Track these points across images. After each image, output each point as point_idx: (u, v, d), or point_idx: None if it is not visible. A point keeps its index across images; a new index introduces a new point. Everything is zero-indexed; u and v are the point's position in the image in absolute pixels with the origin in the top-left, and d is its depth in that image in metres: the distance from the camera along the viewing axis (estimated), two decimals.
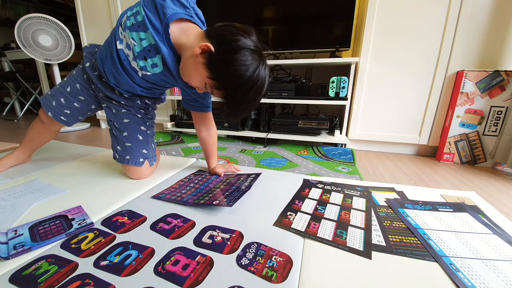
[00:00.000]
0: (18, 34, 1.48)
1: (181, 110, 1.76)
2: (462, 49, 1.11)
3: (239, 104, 0.59)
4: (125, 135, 0.80)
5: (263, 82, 0.57)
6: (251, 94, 0.57)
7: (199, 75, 0.59)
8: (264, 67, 0.57)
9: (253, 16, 1.45)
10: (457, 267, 0.46)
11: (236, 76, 0.54)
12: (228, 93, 0.58)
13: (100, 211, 0.63)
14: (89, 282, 0.40)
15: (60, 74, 1.76)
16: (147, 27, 0.61)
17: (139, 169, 0.82)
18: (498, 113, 1.07)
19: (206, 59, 0.56)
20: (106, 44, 0.73)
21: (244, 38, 0.54)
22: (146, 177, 0.84)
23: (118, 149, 0.82)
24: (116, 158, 0.82)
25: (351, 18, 1.25)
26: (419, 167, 1.11)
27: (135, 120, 0.82)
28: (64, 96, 0.82)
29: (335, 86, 1.30)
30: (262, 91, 0.59)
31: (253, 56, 0.55)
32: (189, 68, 0.60)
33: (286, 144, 1.44)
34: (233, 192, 0.71)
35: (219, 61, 0.55)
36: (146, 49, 0.64)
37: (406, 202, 0.71)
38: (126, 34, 0.65)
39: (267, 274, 0.43)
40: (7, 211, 0.62)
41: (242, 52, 0.53)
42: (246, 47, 0.54)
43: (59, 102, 0.82)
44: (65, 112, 0.83)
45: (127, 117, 0.81)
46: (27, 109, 2.37)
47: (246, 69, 0.54)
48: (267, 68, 0.59)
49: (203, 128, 0.84)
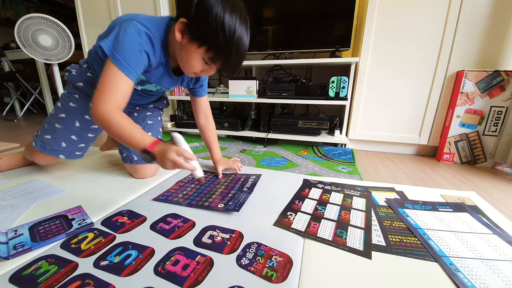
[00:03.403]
0: (18, 34, 1.48)
1: (181, 110, 1.76)
2: (462, 49, 1.11)
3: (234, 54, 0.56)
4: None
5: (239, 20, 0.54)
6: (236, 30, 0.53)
7: (192, 54, 0.57)
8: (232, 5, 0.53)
9: (253, 16, 1.44)
10: (457, 267, 0.46)
11: (213, 21, 0.51)
12: (218, 49, 0.55)
13: (100, 211, 0.63)
14: (89, 282, 0.40)
15: (60, 74, 1.75)
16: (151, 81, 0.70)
17: (149, 167, 0.84)
18: (498, 113, 1.07)
19: (187, 35, 0.55)
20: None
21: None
22: (153, 175, 0.87)
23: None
24: (135, 161, 0.82)
25: (351, 18, 1.25)
26: (419, 167, 1.11)
27: (157, 122, 0.90)
28: (76, 133, 0.77)
29: (335, 86, 1.30)
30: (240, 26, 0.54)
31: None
32: (183, 56, 0.59)
33: (286, 144, 1.44)
34: (235, 194, 0.71)
35: (194, 24, 0.54)
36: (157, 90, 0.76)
37: (406, 202, 0.71)
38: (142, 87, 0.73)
39: (267, 274, 0.43)
40: (7, 211, 0.62)
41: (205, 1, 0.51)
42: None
43: (70, 140, 0.76)
44: (80, 147, 0.80)
45: (151, 119, 0.88)
46: (27, 109, 2.37)
47: (216, 13, 0.51)
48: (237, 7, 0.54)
49: (202, 115, 0.87)
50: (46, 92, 2.32)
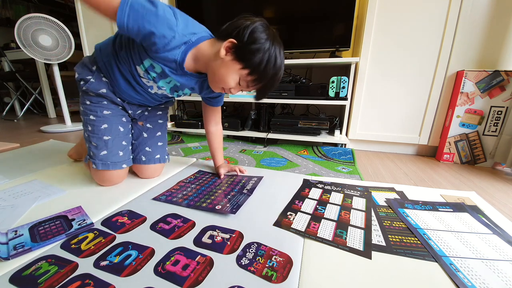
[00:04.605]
0: (18, 34, 1.48)
1: (181, 110, 1.76)
2: (462, 49, 1.11)
3: (269, 82, 0.63)
4: (158, 135, 0.87)
5: (281, 53, 0.62)
6: (277, 66, 0.61)
7: (232, 72, 0.61)
8: (278, 40, 0.62)
9: (253, 16, 1.44)
10: (457, 267, 0.46)
11: (259, 54, 0.58)
12: (259, 75, 0.61)
13: (100, 211, 0.63)
14: (89, 282, 0.40)
15: (60, 74, 1.75)
16: (167, 75, 0.66)
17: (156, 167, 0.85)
18: (498, 113, 1.07)
19: (233, 54, 0.59)
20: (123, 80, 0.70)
21: (252, 20, 0.60)
22: (158, 175, 0.87)
23: (146, 151, 0.83)
24: (143, 161, 0.82)
25: (351, 18, 1.25)
26: (419, 167, 1.11)
27: (165, 121, 0.90)
28: (123, 138, 0.77)
29: (335, 86, 1.30)
30: (282, 62, 0.63)
31: (266, 32, 0.59)
32: (221, 72, 0.62)
33: (286, 144, 1.44)
34: (235, 196, 0.71)
35: (244, 49, 0.58)
36: (174, 87, 0.72)
37: (406, 202, 0.71)
38: (152, 83, 0.71)
39: (267, 274, 0.43)
40: (7, 211, 0.62)
41: (258, 29, 0.58)
42: (259, 25, 0.59)
43: (123, 146, 0.77)
44: (130, 150, 0.81)
45: (162, 118, 0.89)
46: (27, 109, 2.37)
47: (265, 46, 0.58)
48: (280, 42, 0.63)
49: (213, 122, 0.87)
50: (46, 92, 2.32)
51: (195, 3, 1.52)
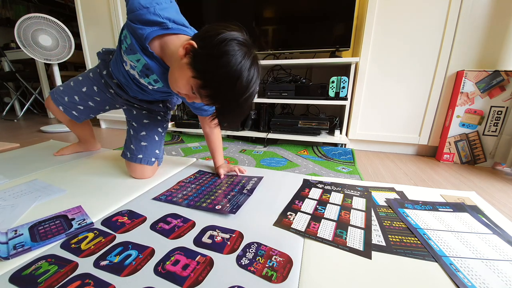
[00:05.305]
0: (18, 34, 1.48)
1: (181, 110, 1.76)
2: (462, 49, 1.11)
3: (227, 104, 0.53)
4: (142, 134, 0.84)
5: (250, 77, 0.50)
6: (238, 89, 0.50)
7: (184, 78, 0.54)
8: (252, 60, 0.51)
9: (253, 16, 1.44)
10: (457, 267, 0.46)
11: (219, 68, 0.48)
12: (213, 92, 0.52)
13: (100, 211, 0.63)
14: (89, 282, 0.40)
15: (60, 74, 1.75)
16: (136, 49, 0.60)
17: (144, 168, 0.83)
18: (498, 113, 1.07)
19: (190, 58, 0.52)
20: (116, 60, 0.74)
21: (229, 31, 0.50)
22: (149, 176, 0.85)
23: (131, 148, 0.83)
24: (127, 157, 0.83)
25: (351, 18, 1.24)
26: (419, 167, 1.11)
27: (155, 122, 0.87)
28: (79, 95, 0.86)
29: (335, 86, 1.30)
30: (249, 87, 0.51)
31: (240, 48, 0.49)
32: (175, 73, 0.57)
33: (286, 144, 1.44)
34: (235, 196, 0.71)
35: (202, 56, 0.50)
36: (144, 68, 0.64)
37: (406, 202, 0.71)
38: (126, 57, 0.66)
39: (267, 274, 0.43)
40: (7, 211, 0.62)
41: (226, 43, 0.48)
42: (231, 38, 0.49)
43: (73, 99, 0.86)
44: (78, 108, 0.89)
45: (148, 118, 0.86)
46: (27, 109, 2.37)
47: (229, 61, 0.48)
48: (256, 64, 0.52)
49: (207, 125, 0.87)
50: (46, 92, 2.32)
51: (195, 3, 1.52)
